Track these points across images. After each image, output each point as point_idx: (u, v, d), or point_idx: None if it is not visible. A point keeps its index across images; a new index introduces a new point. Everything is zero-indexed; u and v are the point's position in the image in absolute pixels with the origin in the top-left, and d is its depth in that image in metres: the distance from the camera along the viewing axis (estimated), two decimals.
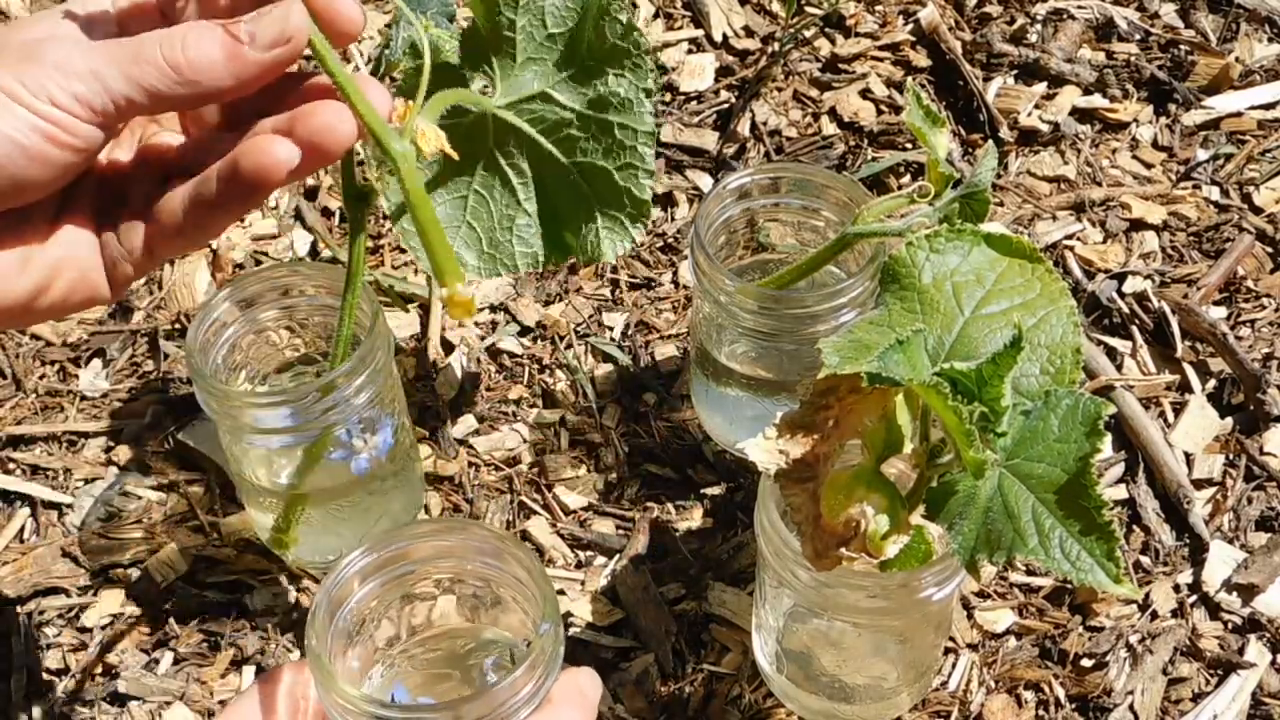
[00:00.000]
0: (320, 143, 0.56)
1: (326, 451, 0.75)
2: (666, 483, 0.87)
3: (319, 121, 0.56)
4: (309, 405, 0.72)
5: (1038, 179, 1.01)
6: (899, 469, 0.62)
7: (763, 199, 0.82)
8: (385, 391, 0.77)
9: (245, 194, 0.56)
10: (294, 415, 0.72)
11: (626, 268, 0.97)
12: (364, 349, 0.72)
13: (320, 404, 0.72)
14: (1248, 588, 0.81)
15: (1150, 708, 0.76)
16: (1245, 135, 1.04)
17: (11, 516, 0.86)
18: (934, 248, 0.62)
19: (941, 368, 0.55)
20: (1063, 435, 0.54)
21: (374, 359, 0.73)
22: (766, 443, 0.58)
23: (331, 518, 0.80)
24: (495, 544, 0.59)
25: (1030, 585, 0.82)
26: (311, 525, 0.79)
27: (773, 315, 0.76)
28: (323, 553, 0.82)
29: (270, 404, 0.72)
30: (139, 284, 0.97)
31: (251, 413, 0.72)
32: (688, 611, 0.81)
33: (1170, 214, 0.99)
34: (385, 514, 0.81)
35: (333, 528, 0.81)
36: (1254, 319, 0.93)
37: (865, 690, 0.75)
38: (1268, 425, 0.87)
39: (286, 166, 0.55)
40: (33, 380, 0.92)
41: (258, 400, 0.73)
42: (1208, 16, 1.11)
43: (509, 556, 0.59)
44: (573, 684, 0.57)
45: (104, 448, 0.89)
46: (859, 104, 1.05)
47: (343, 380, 0.72)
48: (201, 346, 0.75)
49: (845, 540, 0.58)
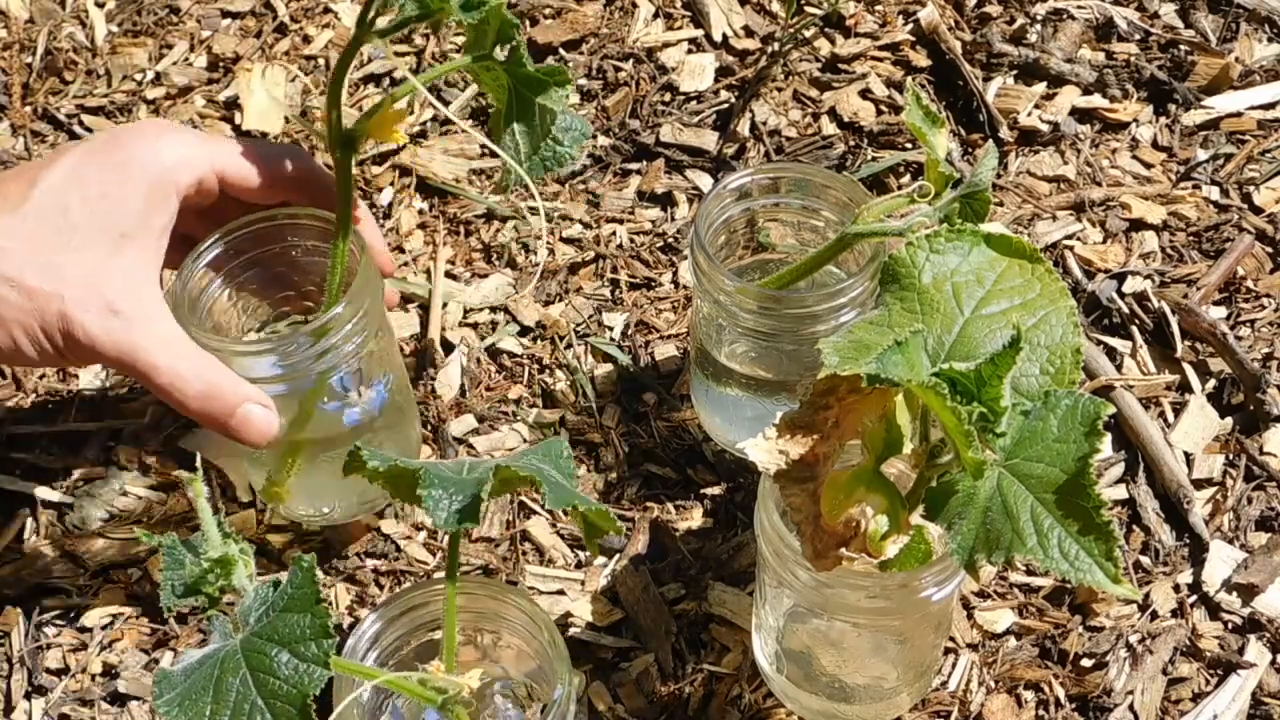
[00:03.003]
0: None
1: (320, 400, 0.75)
2: (666, 483, 0.87)
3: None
4: (302, 351, 0.72)
5: (1038, 179, 1.01)
6: (899, 469, 0.62)
7: (763, 199, 0.82)
8: (379, 342, 0.76)
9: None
10: (286, 363, 0.72)
11: (626, 268, 0.97)
12: (354, 291, 0.72)
13: (313, 349, 0.72)
14: (1248, 588, 0.81)
15: (1150, 708, 0.76)
16: (1245, 135, 1.04)
17: (12, 516, 0.86)
18: (934, 248, 0.62)
19: (940, 368, 0.55)
20: (1062, 435, 0.54)
21: (363, 301, 0.73)
22: (766, 443, 0.58)
23: (324, 470, 0.80)
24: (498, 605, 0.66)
25: (1030, 585, 0.82)
26: (304, 477, 0.79)
27: (773, 315, 0.76)
28: (316, 505, 0.83)
29: (261, 351, 0.72)
30: None
31: (244, 361, 0.72)
32: (688, 611, 0.81)
33: (1170, 214, 0.99)
34: None
35: (326, 480, 0.81)
36: (1254, 319, 0.93)
37: (865, 690, 0.75)
38: (1268, 425, 0.87)
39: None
40: (33, 380, 0.92)
41: (249, 349, 0.73)
42: (1208, 16, 1.11)
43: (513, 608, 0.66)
44: None
45: (104, 448, 0.89)
46: (859, 104, 1.05)
47: (334, 325, 0.72)
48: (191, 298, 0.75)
49: (845, 540, 0.58)
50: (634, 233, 0.99)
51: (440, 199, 1.01)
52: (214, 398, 0.71)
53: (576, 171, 1.02)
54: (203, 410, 0.71)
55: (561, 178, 1.02)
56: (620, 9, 1.12)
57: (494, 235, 0.99)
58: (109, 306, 0.70)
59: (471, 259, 0.98)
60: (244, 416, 0.72)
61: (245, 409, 0.72)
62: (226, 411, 0.71)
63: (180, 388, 0.70)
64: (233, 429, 0.72)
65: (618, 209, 1.00)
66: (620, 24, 1.11)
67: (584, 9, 1.12)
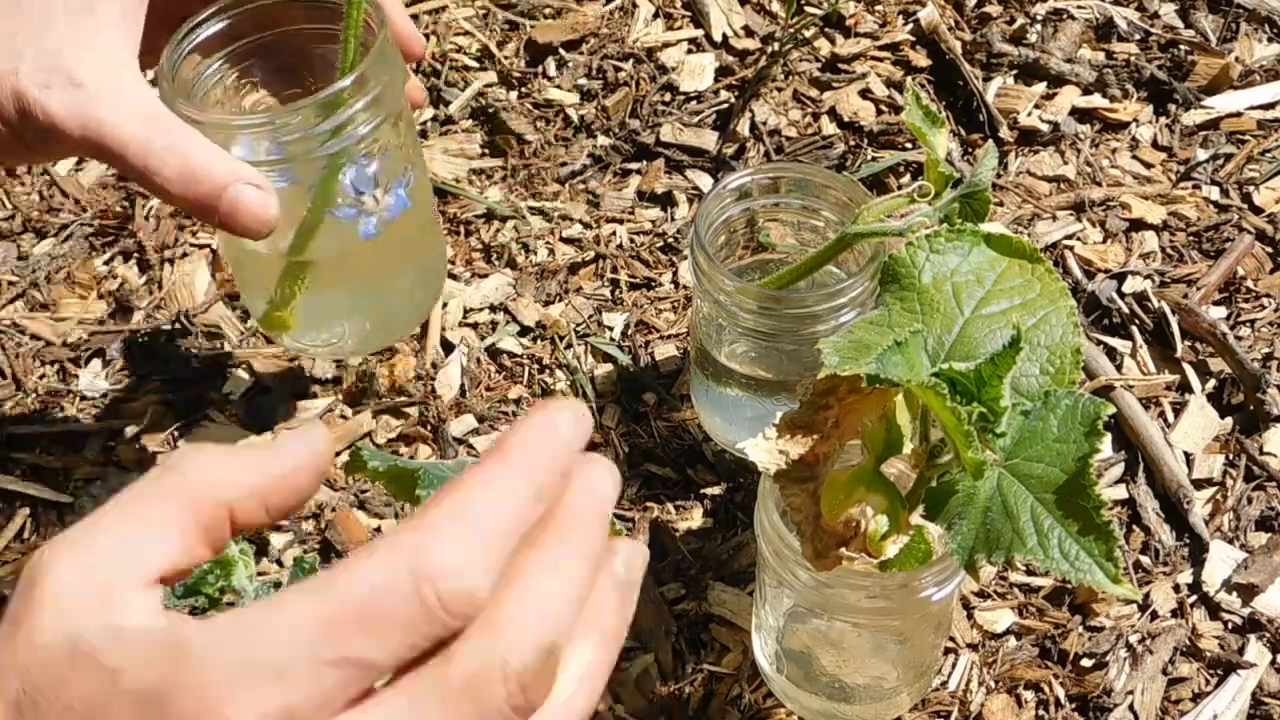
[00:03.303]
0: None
1: (332, 205, 0.65)
2: (666, 483, 0.87)
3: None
4: (306, 130, 0.62)
5: (1037, 179, 1.01)
6: (899, 469, 0.62)
7: (763, 199, 0.82)
8: (399, 135, 0.66)
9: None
10: (287, 139, 0.63)
11: (626, 267, 0.97)
12: (370, 62, 0.62)
13: (319, 127, 0.61)
14: (1248, 588, 0.81)
15: (1150, 708, 0.76)
16: (1245, 135, 1.04)
17: (11, 516, 0.86)
18: (934, 248, 0.62)
19: (940, 368, 0.55)
20: (1062, 435, 0.54)
21: (380, 76, 0.63)
22: (766, 443, 0.58)
23: (334, 294, 0.71)
24: None
25: (1030, 585, 0.82)
26: (311, 297, 0.70)
27: (773, 315, 0.76)
28: (324, 335, 0.75)
29: (257, 126, 0.62)
30: (139, 284, 0.97)
31: (237, 141, 0.63)
32: (688, 611, 0.81)
33: (1170, 214, 0.99)
34: (397, 293, 0.73)
35: (335, 305, 0.72)
36: (1254, 319, 0.93)
37: (865, 690, 0.75)
38: (1268, 425, 0.87)
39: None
40: (33, 380, 0.92)
41: (244, 122, 0.63)
42: (1208, 16, 1.11)
43: None
44: (539, 427, 0.42)
45: (104, 448, 0.89)
46: (859, 104, 1.05)
47: (347, 95, 0.61)
48: (182, 80, 0.65)
49: (845, 540, 0.58)
50: (634, 233, 0.99)
51: (440, 199, 1.01)
52: (197, 178, 0.61)
53: (576, 171, 1.02)
54: (184, 193, 0.61)
55: (561, 177, 1.02)
56: (620, 9, 1.12)
57: (494, 235, 0.99)
58: (70, 79, 0.60)
59: (471, 259, 0.98)
60: (234, 198, 0.61)
61: (235, 189, 0.61)
62: (214, 193, 0.61)
63: (156, 167, 0.60)
64: (223, 216, 0.62)
65: (618, 209, 1.00)
66: (620, 24, 1.11)
67: (584, 9, 1.12)
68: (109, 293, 0.97)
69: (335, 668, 0.38)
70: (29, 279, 0.97)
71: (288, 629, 0.38)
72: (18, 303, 0.97)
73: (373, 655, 0.38)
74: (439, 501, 0.40)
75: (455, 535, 0.39)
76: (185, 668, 0.37)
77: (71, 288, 0.97)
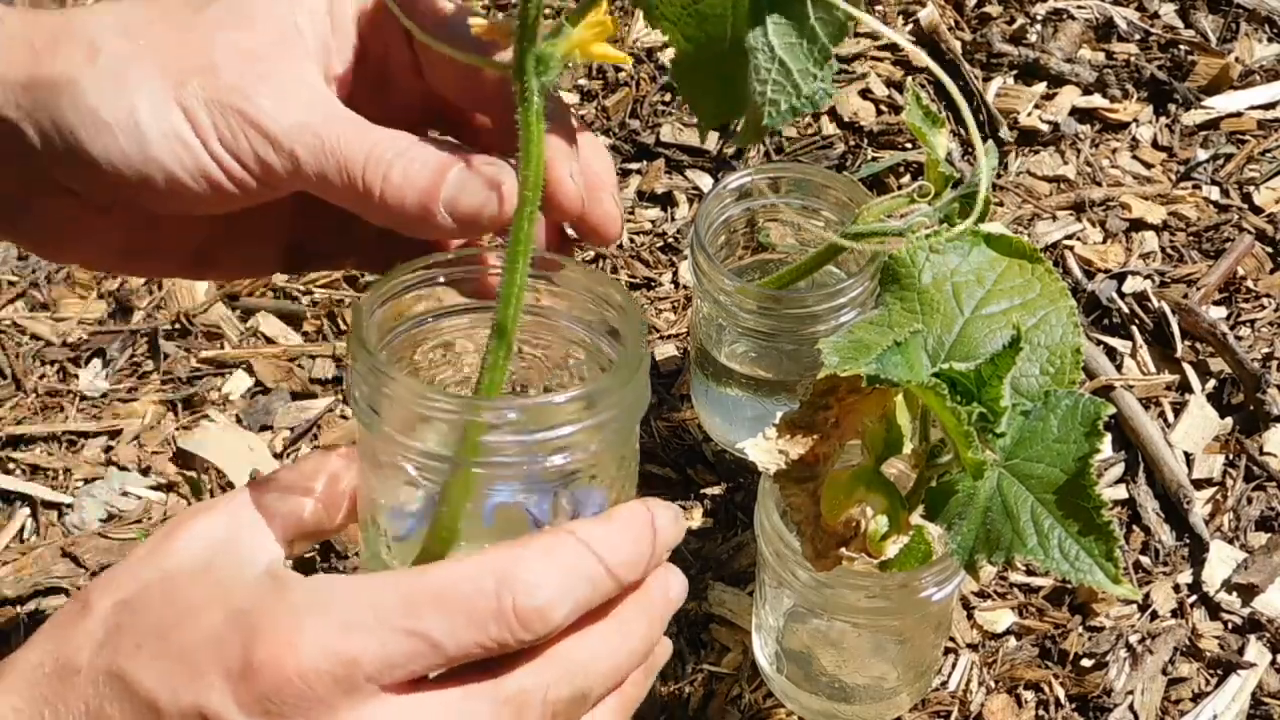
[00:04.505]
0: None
1: (482, 499, 0.51)
2: (666, 483, 0.87)
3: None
4: (524, 433, 0.48)
5: (1038, 179, 1.01)
6: (899, 469, 0.62)
7: (763, 199, 0.82)
8: (623, 466, 0.53)
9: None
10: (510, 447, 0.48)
11: (626, 268, 0.97)
12: (623, 363, 0.50)
13: (533, 435, 0.48)
14: (1248, 588, 0.81)
15: (1150, 708, 0.76)
16: (1245, 135, 1.04)
17: (11, 516, 0.86)
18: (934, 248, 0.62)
19: (940, 369, 0.55)
20: (1062, 436, 0.54)
21: (631, 385, 0.50)
22: (766, 443, 0.58)
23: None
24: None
25: (1030, 585, 0.82)
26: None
27: (773, 315, 0.76)
28: None
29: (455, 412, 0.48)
30: (139, 284, 0.97)
31: (428, 421, 0.48)
32: (688, 611, 0.81)
33: (1170, 214, 0.99)
34: None
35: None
36: (1254, 319, 0.93)
37: (865, 690, 0.75)
38: (1268, 425, 0.87)
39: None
40: (33, 380, 0.92)
41: (446, 404, 0.48)
42: (1208, 16, 1.11)
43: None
44: (642, 513, 0.49)
45: (104, 448, 0.89)
46: (859, 104, 1.05)
47: (573, 412, 0.48)
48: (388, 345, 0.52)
49: (845, 540, 0.58)
50: (634, 233, 0.99)
51: None
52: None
53: None
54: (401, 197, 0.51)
55: None
56: (620, 9, 1.12)
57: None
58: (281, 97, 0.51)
59: None
60: (459, 179, 0.52)
61: (456, 170, 0.51)
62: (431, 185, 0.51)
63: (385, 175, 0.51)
64: (443, 208, 0.52)
65: None
66: (620, 24, 1.11)
67: None
68: (109, 293, 0.97)
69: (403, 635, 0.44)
70: (29, 279, 0.97)
71: (370, 592, 0.45)
72: (18, 303, 0.97)
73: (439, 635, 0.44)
74: (538, 537, 0.47)
75: (546, 564, 0.46)
76: (279, 600, 0.45)
77: (71, 288, 0.97)
